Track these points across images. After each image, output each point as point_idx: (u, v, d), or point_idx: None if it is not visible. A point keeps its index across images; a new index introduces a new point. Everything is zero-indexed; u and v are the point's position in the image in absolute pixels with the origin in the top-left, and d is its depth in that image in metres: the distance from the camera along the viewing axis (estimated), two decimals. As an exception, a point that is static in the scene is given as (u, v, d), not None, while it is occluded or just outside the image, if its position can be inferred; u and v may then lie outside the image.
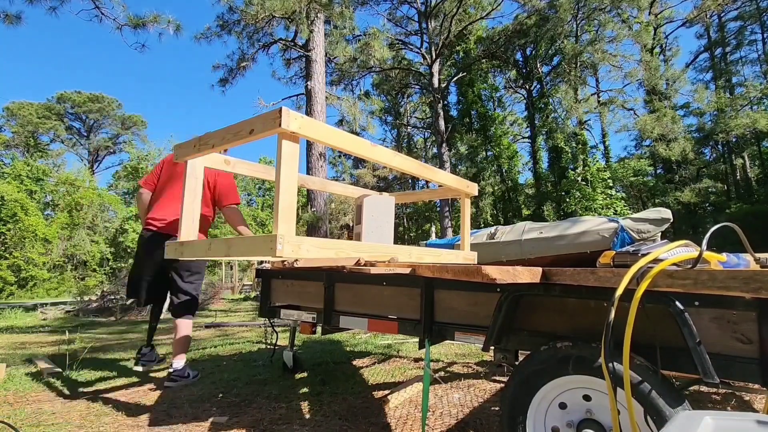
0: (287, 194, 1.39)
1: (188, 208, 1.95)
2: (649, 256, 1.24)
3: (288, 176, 1.40)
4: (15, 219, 21.67)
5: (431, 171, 2.30)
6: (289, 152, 1.41)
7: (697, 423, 0.66)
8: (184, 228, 1.93)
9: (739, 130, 17.68)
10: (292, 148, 1.42)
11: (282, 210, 1.38)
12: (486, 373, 3.09)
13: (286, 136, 1.41)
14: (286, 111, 1.38)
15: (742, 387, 2.06)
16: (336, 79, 17.56)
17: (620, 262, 1.47)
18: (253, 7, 9.59)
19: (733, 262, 1.45)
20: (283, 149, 1.40)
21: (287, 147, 1.41)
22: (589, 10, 16.64)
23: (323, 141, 1.55)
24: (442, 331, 1.80)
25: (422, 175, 2.26)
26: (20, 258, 21.44)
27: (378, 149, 1.84)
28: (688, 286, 1.12)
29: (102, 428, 2.13)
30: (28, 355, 4.27)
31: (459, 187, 2.57)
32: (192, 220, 1.95)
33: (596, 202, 16.87)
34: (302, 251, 1.41)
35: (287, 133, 1.39)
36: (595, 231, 2.81)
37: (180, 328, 2.97)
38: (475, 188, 2.69)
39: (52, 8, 7.80)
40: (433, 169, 2.32)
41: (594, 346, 1.29)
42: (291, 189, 1.40)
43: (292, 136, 1.42)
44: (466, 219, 2.63)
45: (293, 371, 3.13)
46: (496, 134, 23.61)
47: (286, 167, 1.40)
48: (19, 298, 20.40)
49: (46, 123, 33.89)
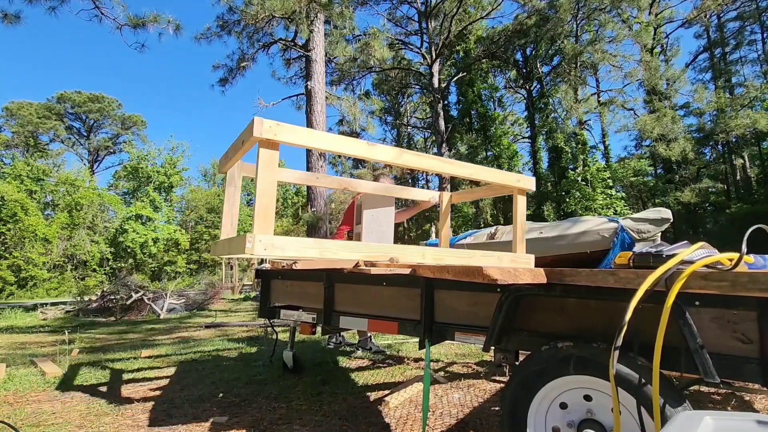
0: (264, 197, 1.47)
1: (227, 212, 2.03)
2: (677, 257, 1.20)
3: (265, 181, 1.47)
4: (15, 219, 21.67)
5: (460, 166, 2.06)
6: (265, 158, 1.49)
7: (697, 423, 0.66)
8: (224, 228, 2.01)
9: (739, 130, 17.67)
10: (268, 155, 1.49)
11: (258, 212, 1.46)
12: (486, 373, 3.09)
13: (263, 144, 1.48)
14: (259, 121, 1.45)
15: (742, 387, 2.06)
16: (336, 79, 17.55)
17: (641, 263, 1.41)
18: (253, 7, 9.59)
19: (760, 263, 1.43)
20: (260, 156, 1.48)
21: (264, 154, 1.48)
22: (589, 10, 16.63)
23: (304, 145, 1.57)
24: (442, 332, 1.80)
25: (454, 174, 2.06)
26: (20, 258, 21.44)
27: (379, 149, 1.80)
28: (725, 288, 1.09)
29: (102, 428, 2.13)
30: (28, 355, 4.27)
31: (508, 183, 2.22)
32: (230, 223, 2.02)
33: (596, 202, 16.88)
34: (276, 250, 1.46)
35: (263, 140, 1.47)
36: (595, 231, 2.81)
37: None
38: (531, 182, 2.28)
39: (51, 8, 7.80)
40: (462, 164, 2.05)
41: (595, 346, 1.29)
42: (268, 192, 1.48)
43: (269, 143, 1.49)
44: (518, 218, 2.21)
45: (293, 371, 3.13)
46: (496, 134, 23.60)
47: (263, 172, 1.47)
48: (19, 298, 20.40)
49: (46, 123, 33.87)
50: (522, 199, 2.27)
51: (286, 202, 41.03)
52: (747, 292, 1.07)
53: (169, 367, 3.55)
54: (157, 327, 7.25)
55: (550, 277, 1.41)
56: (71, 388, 2.87)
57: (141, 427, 2.14)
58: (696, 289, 1.13)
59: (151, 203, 26.76)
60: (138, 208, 25.50)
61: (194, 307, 10.54)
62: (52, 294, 21.34)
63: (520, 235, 2.21)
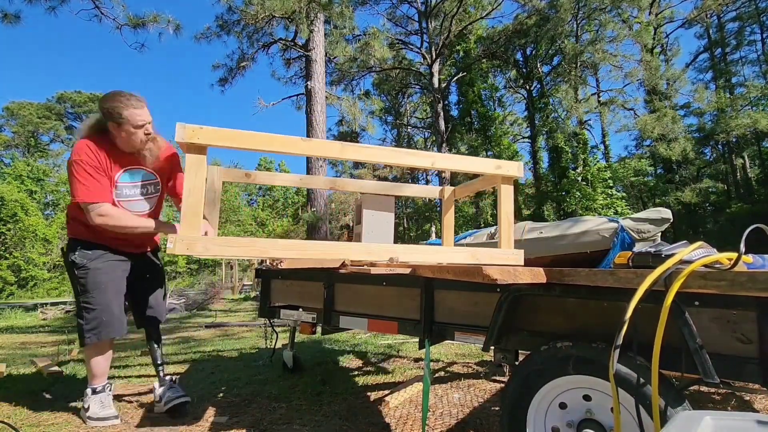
0: (190, 198, 1.52)
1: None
2: (675, 257, 1.19)
3: (191, 183, 1.52)
4: (15, 219, 21.69)
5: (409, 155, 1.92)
6: (191, 162, 1.53)
7: (697, 423, 0.66)
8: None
9: (739, 130, 17.67)
10: (193, 159, 1.53)
11: (184, 212, 1.52)
12: (486, 373, 3.09)
13: (190, 148, 1.53)
14: (181, 126, 1.48)
15: (742, 387, 2.06)
16: (336, 79, 17.57)
17: (640, 263, 1.41)
18: (253, 7, 9.60)
19: (759, 263, 1.43)
20: (186, 160, 1.53)
21: (189, 158, 1.53)
22: (589, 10, 16.64)
23: (231, 146, 1.57)
24: (442, 331, 1.80)
25: (398, 163, 1.92)
26: (20, 258, 21.46)
27: (315, 144, 1.70)
28: (724, 287, 1.09)
29: (102, 428, 2.13)
30: (29, 355, 4.27)
31: (485, 171, 1.99)
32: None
33: (596, 202, 16.89)
34: (197, 249, 1.49)
35: (188, 144, 1.51)
36: (594, 231, 2.81)
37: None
38: (515, 167, 1.97)
39: (51, 8, 7.80)
40: (425, 154, 1.92)
41: (594, 346, 1.29)
42: (195, 194, 1.53)
43: (194, 146, 1.53)
44: (503, 210, 1.94)
45: (293, 371, 3.13)
46: (496, 134, 23.62)
47: (188, 175, 1.52)
48: (19, 298, 20.42)
49: (46, 123, 33.90)
50: (507, 188, 1.98)
51: (286, 202, 41.02)
52: (746, 292, 1.07)
53: (169, 366, 3.56)
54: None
55: (549, 276, 1.41)
56: (71, 388, 2.87)
57: (141, 427, 2.14)
58: (695, 288, 1.13)
59: (151, 203, 26.72)
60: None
61: (194, 307, 10.55)
62: (52, 294, 21.37)
63: (507, 230, 1.94)
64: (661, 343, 1.11)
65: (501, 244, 1.95)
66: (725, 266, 1.14)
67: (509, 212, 1.97)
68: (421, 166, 1.93)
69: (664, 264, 1.18)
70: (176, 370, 3.43)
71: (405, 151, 1.93)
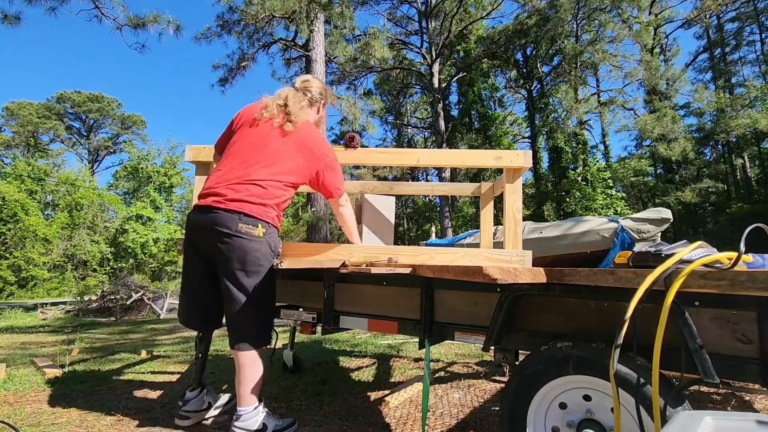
0: None
1: None
2: (675, 257, 1.19)
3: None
4: (15, 219, 21.68)
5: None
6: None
7: (697, 423, 0.66)
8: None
9: (739, 130, 17.67)
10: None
11: None
12: (486, 373, 3.09)
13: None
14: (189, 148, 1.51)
15: (742, 387, 2.06)
16: (336, 79, 17.56)
17: (640, 263, 1.41)
18: (253, 7, 9.60)
19: (759, 262, 1.43)
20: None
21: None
22: (589, 10, 16.63)
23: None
24: (442, 331, 1.80)
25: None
26: (20, 258, 21.45)
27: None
28: (724, 287, 1.08)
29: (102, 428, 2.13)
30: (29, 355, 4.27)
31: (482, 165, 1.92)
32: None
33: (596, 202, 16.88)
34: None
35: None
36: (595, 231, 2.82)
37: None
38: (519, 157, 1.79)
39: (51, 8, 7.80)
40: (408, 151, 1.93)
41: (595, 346, 1.29)
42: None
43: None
44: (508, 207, 1.73)
45: (293, 371, 3.13)
46: (496, 134, 23.61)
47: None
48: (20, 298, 20.41)
49: (46, 123, 33.88)
50: (512, 182, 1.80)
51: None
52: (746, 291, 1.07)
53: (170, 366, 3.56)
54: (158, 327, 7.25)
55: (550, 276, 1.41)
56: (71, 388, 2.87)
57: (141, 427, 2.14)
58: (695, 288, 1.13)
59: (151, 203, 26.76)
60: (138, 208, 25.50)
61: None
62: (52, 294, 21.35)
63: (513, 228, 1.76)
64: (662, 343, 1.11)
65: (506, 244, 1.84)
66: (725, 266, 1.14)
67: (517, 209, 1.78)
68: (414, 164, 1.93)
69: (664, 264, 1.18)
70: (176, 369, 3.43)
71: (391, 150, 1.97)
